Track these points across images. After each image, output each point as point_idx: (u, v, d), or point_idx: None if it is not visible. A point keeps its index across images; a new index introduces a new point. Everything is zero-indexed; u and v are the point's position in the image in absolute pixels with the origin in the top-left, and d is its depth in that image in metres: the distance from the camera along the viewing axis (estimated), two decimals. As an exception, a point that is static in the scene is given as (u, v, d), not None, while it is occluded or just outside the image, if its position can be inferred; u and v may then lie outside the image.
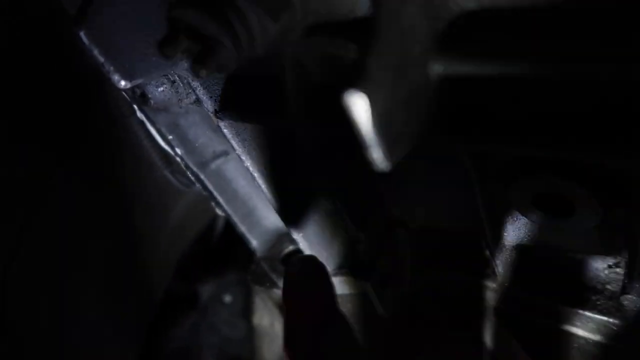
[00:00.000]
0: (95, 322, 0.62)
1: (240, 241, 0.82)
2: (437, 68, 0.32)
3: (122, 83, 0.42)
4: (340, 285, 0.73)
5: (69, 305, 0.58)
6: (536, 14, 0.30)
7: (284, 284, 0.45)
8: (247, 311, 1.37)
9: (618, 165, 0.37)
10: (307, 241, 0.67)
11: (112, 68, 0.41)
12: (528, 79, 0.32)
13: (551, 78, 0.30)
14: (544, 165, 0.42)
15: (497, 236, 0.53)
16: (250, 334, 1.15)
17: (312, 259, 0.47)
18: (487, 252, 0.56)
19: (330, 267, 0.72)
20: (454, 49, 0.31)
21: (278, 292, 0.79)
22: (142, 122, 0.70)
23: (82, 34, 0.39)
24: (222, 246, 1.55)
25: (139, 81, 0.43)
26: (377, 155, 0.30)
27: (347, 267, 0.66)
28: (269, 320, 0.97)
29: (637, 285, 0.45)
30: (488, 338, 0.62)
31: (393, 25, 0.28)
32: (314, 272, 0.44)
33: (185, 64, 0.46)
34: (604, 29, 0.27)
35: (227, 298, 1.49)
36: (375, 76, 0.28)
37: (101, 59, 0.40)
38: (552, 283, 0.59)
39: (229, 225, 0.80)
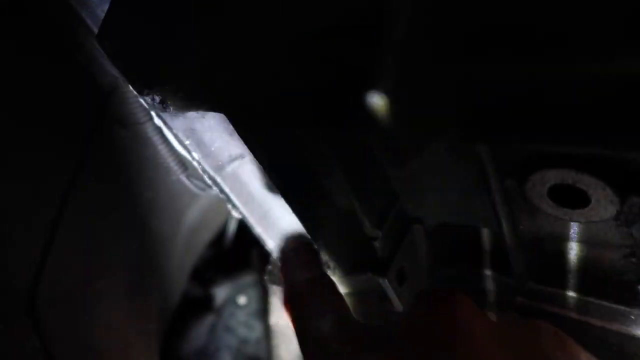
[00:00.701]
0: (120, 326, 0.64)
1: (253, 244, 0.83)
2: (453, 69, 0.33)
3: (145, 92, 0.43)
4: (356, 284, 0.74)
5: (96, 309, 0.60)
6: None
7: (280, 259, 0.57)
8: (263, 312, 1.38)
9: (633, 156, 0.38)
10: (323, 240, 0.68)
11: (134, 78, 0.42)
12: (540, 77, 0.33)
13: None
14: (559, 157, 0.43)
15: (514, 230, 0.54)
16: (267, 334, 1.17)
17: (298, 236, 0.59)
18: (504, 246, 0.57)
19: (346, 265, 0.73)
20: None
21: (296, 292, 0.80)
22: (158, 128, 0.72)
23: (104, 46, 0.40)
24: (236, 248, 1.57)
25: (159, 89, 0.44)
26: (395, 157, 0.31)
27: (364, 264, 0.67)
28: (285, 321, 0.98)
29: (654, 274, 0.46)
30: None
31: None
32: (301, 246, 0.58)
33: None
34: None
35: (242, 300, 1.50)
36: (393, 79, 0.29)
37: (123, 70, 0.42)
38: (569, 274, 0.60)
39: (241, 227, 0.81)
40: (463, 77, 0.32)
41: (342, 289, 0.75)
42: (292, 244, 0.57)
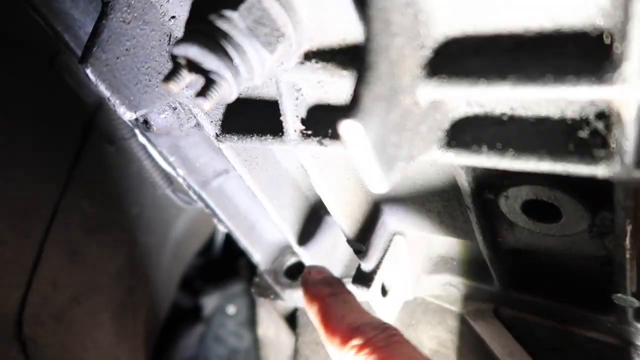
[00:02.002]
0: (109, 344, 0.64)
1: (241, 253, 0.84)
2: (426, 93, 0.34)
3: (128, 115, 0.44)
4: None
5: (86, 328, 0.60)
6: (512, 39, 0.32)
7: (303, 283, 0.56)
8: (251, 322, 1.39)
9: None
10: (308, 253, 0.69)
11: (117, 101, 0.43)
12: (509, 99, 0.35)
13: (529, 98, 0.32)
14: (531, 175, 0.44)
15: (492, 242, 0.55)
16: (256, 344, 1.17)
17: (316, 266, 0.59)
18: (483, 257, 0.58)
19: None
20: (441, 74, 0.34)
21: (282, 304, 0.81)
22: (143, 145, 0.72)
23: (88, 70, 0.41)
24: (224, 258, 1.57)
25: (143, 112, 0.45)
26: (374, 179, 0.32)
27: (349, 276, 0.68)
28: (274, 331, 0.98)
29: (626, 282, 0.47)
30: (487, 338, 0.64)
31: (383, 58, 0.30)
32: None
33: (186, 92, 0.49)
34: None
35: (231, 309, 1.50)
36: (368, 106, 0.30)
37: (107, 94, 0.42)
38: (547, 283, 0.61)
39: (229, 237, 0.82)
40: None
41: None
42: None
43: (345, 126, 0.30)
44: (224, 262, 1.58)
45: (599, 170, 0.32)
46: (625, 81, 0.27)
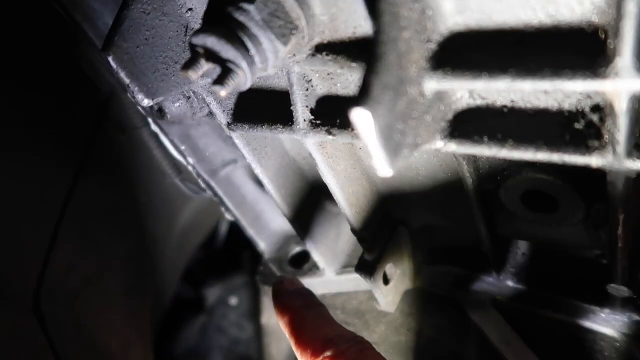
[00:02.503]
0: (120, 325, 0.66)
1: (244, 245, 0.86)
2: (431, 84, 0.36)
3: (146, 102, 0.46)
4: (346, 284, 0.77)
5: (98, 307, 0.62)
6: (513, 35, 0.34)
7: (274, 293, 0.57)
8: (253, 313, 1.40)
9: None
10: (313, 242, 0.71)
11: (137, 88, 0.45)
12: (510, 91, 0.37)
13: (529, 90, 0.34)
14: (531, 166, 0.46)
15: (492, 232, 0.57)
16: (259, 333, 1.19)
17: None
18: (483, 248, 0.60)
19: (336, 266, 0.76)
20: (446, 67, 0.36)
21: (286, 292, 0.83)
22: (154, 134, 0.74)
23: (110, 59, 0.43)
24: (227, 250, 1.59)
25: (160, 99, 0.47)
26: (381, 164, 0.34)
27: (352, 265, 0.70)
28: (276, 320, 1.00)
29: (619, 272, 0.49)
30: (485, 327, 0.66)
31: (392, 50, 0.32)
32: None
33: (201, 82, 0.51)
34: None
35: (234, 300, 1.52)
36: (377, 95, 0.32)
37: (127, 81, 0.45)
38: (544, 274, 0.63)
39: (233, 229, 0.84)
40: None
41: (333, 288, 0.78)
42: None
43: (356, 113, 0.32)
44: (226, 254, 1.60)
45: (593, 160, 0.34)
46: (618, 75, 0.29)
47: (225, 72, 0.39)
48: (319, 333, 0.50)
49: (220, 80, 0.38)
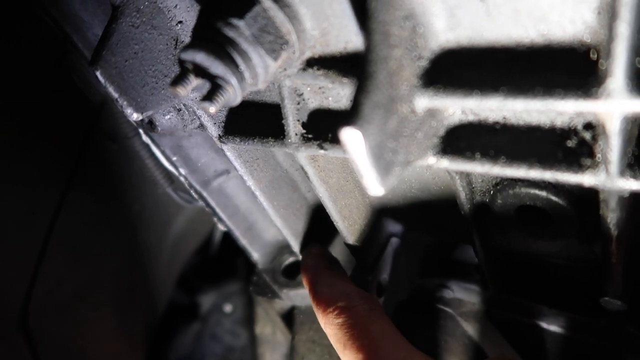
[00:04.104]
0: (110, 338, 0.65)
1: (239, 252, 0.85)
2: (422, 102, 0.35)
3: (135, 116, 0.45)
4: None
5: (87, 321, 0.61)
6: (505, 53, 0.34)
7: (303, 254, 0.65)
8: (248, 320, 1.40)
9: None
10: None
11: (125, 103, 0.44)
12: (501, 109, 0.36)
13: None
14: (523, 180, 0.46)
15: (485, 245, 0.57)
16: (253, 342, 1.18)
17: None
18: (477, 259, 0.60)
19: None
20: (437, 84, 0.35)
21: (280, 302, 0.83)
22: (145, 144, 0.74)
23: (98, 73, 0.43)
24: (221, 257, 1.58)
25: (149, 113, 0.47)
26: (372, 183, 0.33)
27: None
28: (271, 329, 1.00)
29: (613, 287, 0.49)
30: (479, 338, 0.66)
31: (382, 68, 0.32)
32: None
33: (191, 94, 0.50)
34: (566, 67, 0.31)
35: (228, 307, 1.52)
36: (367, 113, 0.32)
37: (115, 95, 0.44)
38: (539, 287, 0.63)
39: (227, 236, 0.83)
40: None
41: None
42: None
43: (345, 133, 0.31)
44: (221, 261, 1.59)
45: (585, 179, 0.34)
46: (609, 96, 0.29)
47: (215, 88, 0.38)
48: (335, 288, 0.55)
49: (209, 97, 0.38)
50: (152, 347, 1.23)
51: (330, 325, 0.51)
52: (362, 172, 0.33)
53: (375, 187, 0.34)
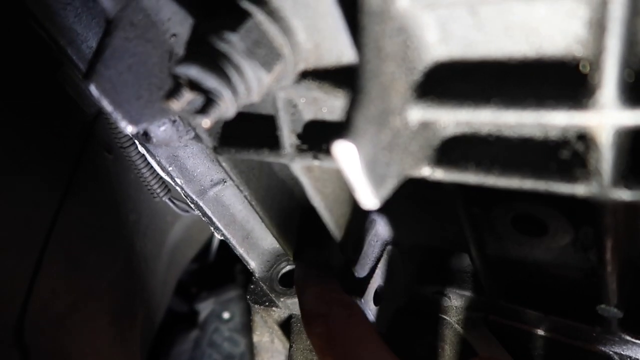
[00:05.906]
0: (107, 351, 0.65)
1: (237, 259, 0.85)
2: (415, 114, 0.36)
3: (129, 129, 0.45)
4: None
5: (84, 334, 0.61)
6: (497, 66, 0.34)
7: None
8: (246, 328, 1.39)
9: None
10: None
11: (119, 116, 0.44)
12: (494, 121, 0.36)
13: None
14: (519, 191, 0.46)
15: (482, 253, 0.57)
16: (251, 349, 1.18)
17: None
18: (473, 268, 0.60)
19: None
20: (430, 96, 0.35)
21: (277, 311, 0.82)
22: (141, 154, 0.74)
23: (92, 87, 0.43)
24: (219, 264, 1.58)
25: (144, 126, 0.47)
26: (365, 196, 0.33)
27: (342, 285, 0.70)
28: (269, 337, 0.99)
29: (609, 295, 0.49)
30: (477, 346, 0.66)
31: (374, 82, 0.32)
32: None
33: (186, 107, 0.50)
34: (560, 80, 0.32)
35: (226, 315, 1.51)
36: (360, 127, 0.32)
37: (109, 109, 0.44)
38: (535, 294, 0.63)
39: (225, 243, 0.83)
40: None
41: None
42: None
43: (338, 147, 0.31)
44: (219, 268, 1.59)
45: (579, 190, 0.34)
46: (601, 108, 0.29)
47: (209, 102, 0.38)
48: (319, 298, 0.56)
49: (203, 110, 0.38)
50: (150, 355, 1.23)
51: (311, 336, 0.52)
52: (356, 186, 0.33)
53: (369, 200, 0.34)
